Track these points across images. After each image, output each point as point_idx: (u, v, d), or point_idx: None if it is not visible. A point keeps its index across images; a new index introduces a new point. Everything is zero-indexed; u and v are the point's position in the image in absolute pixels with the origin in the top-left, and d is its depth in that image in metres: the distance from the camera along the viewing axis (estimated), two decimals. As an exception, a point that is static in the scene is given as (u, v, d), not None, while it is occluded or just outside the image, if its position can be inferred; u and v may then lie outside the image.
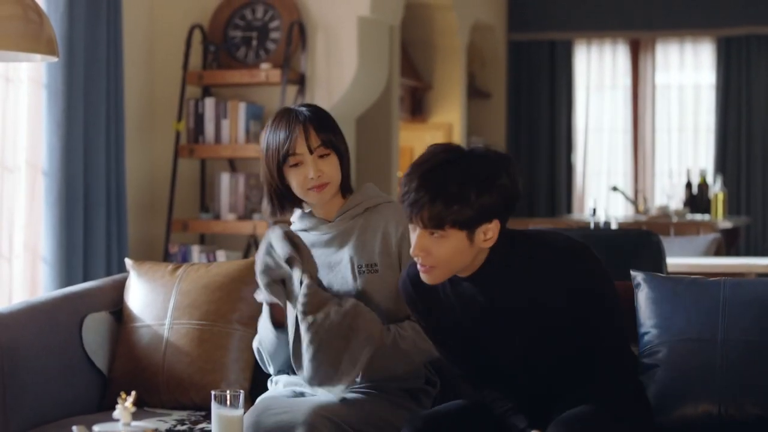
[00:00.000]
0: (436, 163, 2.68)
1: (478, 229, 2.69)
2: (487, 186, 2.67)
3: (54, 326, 3.67)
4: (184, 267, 3.85)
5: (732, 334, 3.22)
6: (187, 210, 6.65)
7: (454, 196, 2.64)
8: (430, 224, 2.66)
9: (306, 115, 3.25)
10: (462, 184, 2.65)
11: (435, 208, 2.65)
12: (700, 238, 6.43)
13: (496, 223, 2.71)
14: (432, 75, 9.66)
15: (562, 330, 2.84)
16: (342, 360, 3.13)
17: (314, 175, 3.23)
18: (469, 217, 2.66)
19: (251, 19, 6.62)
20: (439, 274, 2.75)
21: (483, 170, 2.68)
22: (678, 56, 10.80)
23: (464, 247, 2.70)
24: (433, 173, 2.67)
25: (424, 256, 2.71)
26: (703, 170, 9.73)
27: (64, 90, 5.46)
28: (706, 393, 3.18)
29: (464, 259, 2.73)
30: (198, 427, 3.43)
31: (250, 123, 6.44)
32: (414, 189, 2.67)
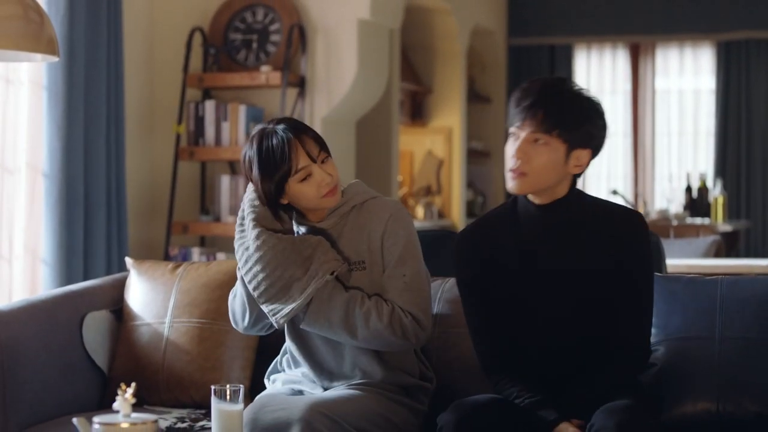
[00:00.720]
0: (557, 80, 2.95)
1: (574, 151, 2.91)
2: (597, 116, 2.94)
3: (54, 324, 3.68)
4: (184, 266, 3.86)
5: (729, 332, 3.23)
6: (188, 212, 6.66)
7: (570, 109, 2.88)
8: (542, 126, 2.86)
9: (293, 130, 3.22)
10: (579, 104, 2.90)
11: (551, 111, 2.86)
12: (700, 240, 6.45)
13: (588, 153, 2.93)
14: (432, 79, 9.67)
15: (604, 289, 2.96)
16: (292, 286, 3.17)
17: (327, 180, 3.22)
18: (575, 131, 2.89)
19: (251, 21, 6.63)
20: (527, 182, 2.91)
21: (594, 103, 2.94)
22: (678, 61, 10.81)
23: (558, 163, 2.90)
24: (554, 87, 2.91)
25: (523, 161, 2.88)
26: (702, 174, 9.74)
27: (64, 92, 5.47)
28: (704, 391, 3.19)
29: (552, 177, 2.91)
30: (198, 424, 3.44)
31: (250, 125, 6.44)
32: (534, 93, 2.89)
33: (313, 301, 3.20)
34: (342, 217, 3.30)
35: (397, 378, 3.32)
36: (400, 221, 3.28)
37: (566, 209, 3.00)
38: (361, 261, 3.26)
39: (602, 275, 2.98)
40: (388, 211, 3.29)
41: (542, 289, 3.02)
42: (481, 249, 3.07)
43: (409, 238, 3.27)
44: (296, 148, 3.18)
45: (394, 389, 3.31)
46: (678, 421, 3.17)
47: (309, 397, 3.19)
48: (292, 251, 3.19)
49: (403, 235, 3.26)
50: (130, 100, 6.25)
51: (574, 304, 3.00)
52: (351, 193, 3.33)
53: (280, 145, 3.17)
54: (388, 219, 3.27)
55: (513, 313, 3.05)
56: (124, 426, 2.19)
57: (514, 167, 2.92)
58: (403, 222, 3.28)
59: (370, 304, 3.20)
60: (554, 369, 3.06)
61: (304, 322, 3.22)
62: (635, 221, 3.01)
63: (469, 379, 3.40)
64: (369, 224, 3.28)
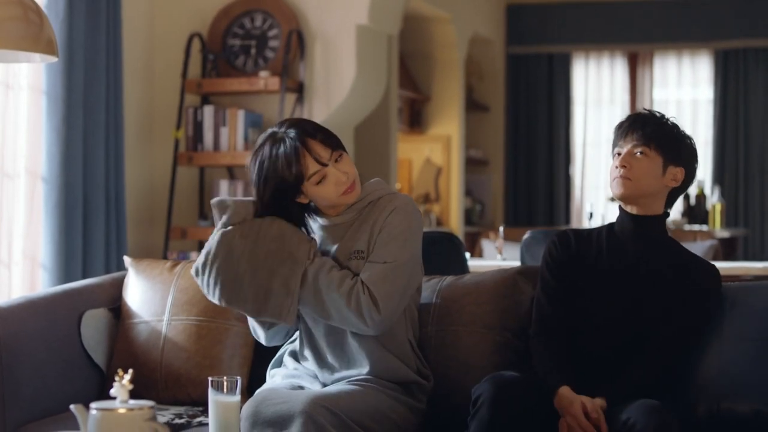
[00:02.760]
0: (654, 111, 3.36)
1: (671, 166, 3.28)
2: (691, 145, 3.33)
3: (53, 322, 3.70)
4: (182, 264, 3.88)
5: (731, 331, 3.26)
6: (186, 217, 6.67)
7: (670, 129, 3.30)
8: (642, 139, 3.26)
9: (299, 133, 3.23)
10: (671, 128, 3.31)
11: (651, 129, 3.27)
12: (698, 244, 6.45)
13: (682, 171, 3.29)
14: (430, 87, 9.69)
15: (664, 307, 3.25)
16: (273, 290, 3.23)
17: (344, 179, 3.25)
18: (669, 147, 3.27)
19: (250, 27, 6.65)
20: (631, 186, 3.26)
21: (683, 131, 3.34)
22: (676, 71, 10.83)
23: (656, 173, 3.27)
24: (651, 113, 3.34)
25: (627, 168, 3.26)
26: (700, 181, 9.76)
27: (63, 97, 5.48)
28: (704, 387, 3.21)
29: (652, 185, 3.27)
30: (196, 420, 3.44)
31: (248, 131, 6.46)
32: (634, 116, 3.33)
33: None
34: (358, 213, 3.33)
35: (396, 374, 3.33)
36: (401, 214, 3.29)
37: (657, 225, 3.33)
38: (361, 251, 3.28)
39: (667, 297, 3.27)
40: (393, 204, 3.31)
41: (612, 291, 3.31)
42: (576, 242, 3.40)
43: (404, 230, 3.28)
44: (304, 156, 3.20)
45: (393, 386, 3.32)
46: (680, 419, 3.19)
47: (310, 391, 3.20)
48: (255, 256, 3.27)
49: (399, 227, 3.28)
50: (129, 106, 6.27)
51: (632, 313, 3.27)
52: (369, 189, 3.37)
53: (288, 153, 3.20)
54: (391, 211, 3.29)
55: (581, 303, 3.32)
56: (121, 412, 2.19)
57: (619, 174, 3.28)
58: (405, 215, 3.30)
59: (336, 273, 3.23)
60: (597, 358, 3.26)
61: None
62: (714, 272, 3.33)
63: (466, 377, 3.41)
64: (375, 216, 3.30)
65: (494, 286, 3.58)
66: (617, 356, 3.24)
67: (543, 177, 10.83)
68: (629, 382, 3.18)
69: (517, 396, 3.03)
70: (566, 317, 3.31)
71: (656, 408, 3.00)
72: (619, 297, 3.28)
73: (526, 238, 4.62)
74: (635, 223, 3.32)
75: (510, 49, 10.86)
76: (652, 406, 3.01)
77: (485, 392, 3.03)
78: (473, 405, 3.06)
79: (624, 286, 3.29)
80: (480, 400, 3.04)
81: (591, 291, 3.31)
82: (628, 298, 3.27)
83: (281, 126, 3.28)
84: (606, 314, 3.27)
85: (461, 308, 3.55)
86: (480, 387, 3.07)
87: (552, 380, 3.19)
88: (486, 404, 3.01)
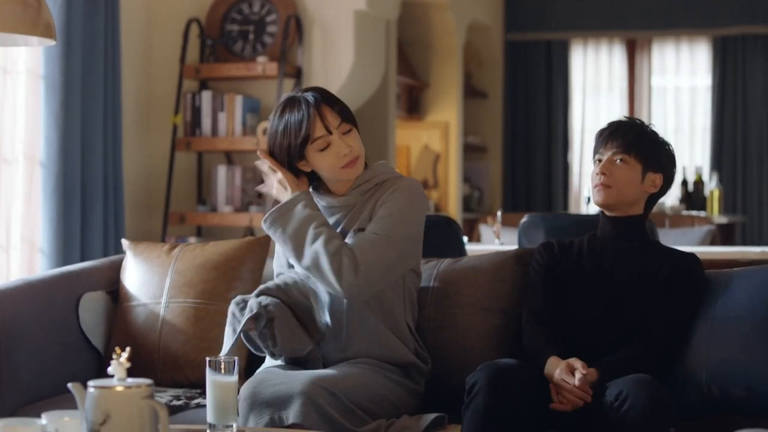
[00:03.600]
0: (635, 119, 3.47)
1: (649, 173, 3.37)
2: (669, 152, 3.43)
3: (51, 304, 3.70)
4: (180, 247, 3.88)
5: (723, 312, 3.27)
6: (184, 203, 6.68)
7: (648, 137, 3.40)
8: (622, 147, 3.36)
9: (316, 98, 3.29)
10: (650, 136, 3.41)
11: (629, 136, 3.37)
12: (695, 229, 6.45)
13: (661, 178, 3.39)
14: (429, 74, 9.68)
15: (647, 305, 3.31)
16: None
17: (346, 151, 3.28)
18: (649, 155, 3.36)
19: (248, 13, 6.65)
20: (611, 194, 3.36)
21: (663, 140, 3.43)
22: (674, 58, 10.81)
23: (635, 180, 3.36)
24: (631, 122, 3.44)
25: (607, 175, 3.36)
26: (698, 168, 9.76)
27: (61, 81, 5.48)
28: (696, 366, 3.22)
29: (631, 191, 3.37)
30: (194, 402, 3.45)
31: (246, 116, 6.47)
32: (615, 125, 3.42)
33: (281, 205, 3.27)
34: (363, 194, 3.35)
35: (395, 356, 3.34)
36: (404, 193, 3.31)
37: (636, 226, 3.42)
38: (362, 228, 3.29)
39: (650, 292, 3.33)
40: (398, 184, 3.34)
41: (593, 291, 3.37)
42: (559, 248, 3.49)
43: (403, 209, 3.29)
44: (314, 118, 3.25)
45: (391, 369, 3.33)
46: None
47: (310, 372, 3.19)
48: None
49: (398, 205, 3.29)
50: (127, 91, 6.27)
51: (614, 312, 3.33)
52: (376, 171, 3.38)
53: (301, 114, 3.25)
54: (395, 190, 3.31)
55: (567, 302, 3.38)
56: (119, 389, 2.20)
57: (600, 182, 3.38)
58: (408, 195, 3.31)
59: (325, 230, 3.24)
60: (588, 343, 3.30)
61: (266, 221, 3.28)
62: (694, 259, 3.39)
63: (464, 359, 3.42)
64: (378, 196, 3.33)
65: (492, 269, 3.59)
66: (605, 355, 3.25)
67: (541, 164, 10.83)
68: (622, 358, 3.21)
69: (512, 383, 3.04)
70: (555, 315, 3.37)
71: (648, 381, 3.02)
72: (600, 297, 3.34)
73: (524, 222, 4.62)
74: (615, 226, 3.42)
75: (508, 36, 10.84)
76: (644, 379, 3.03)
77: (480, 380, 3.04)
78: (468, 393, 3.07)
79: (605, 286, 3.36)
80: (475, 389, 3.04)
81: (574, 293, 3.38)
82: (610, 298, 3.33)
83: (299, 91, 3.34)
84: (588, 315, 3.33)
85: (459, 291, 3.56)
86: (474, 375, 3.08)
87: (541, 356, 3.25)
88: (481, 392, 3.02)
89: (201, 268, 3.75)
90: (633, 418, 2.94)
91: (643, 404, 2.95)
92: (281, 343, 3.24)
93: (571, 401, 3.11)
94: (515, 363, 3.14)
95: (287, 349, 3.26)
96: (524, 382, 3.08)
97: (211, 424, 2.74)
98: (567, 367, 3.15)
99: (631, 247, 3.40)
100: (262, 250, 3.80)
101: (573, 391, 3.10)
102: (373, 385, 3.21)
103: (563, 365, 3.17)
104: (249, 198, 6.51)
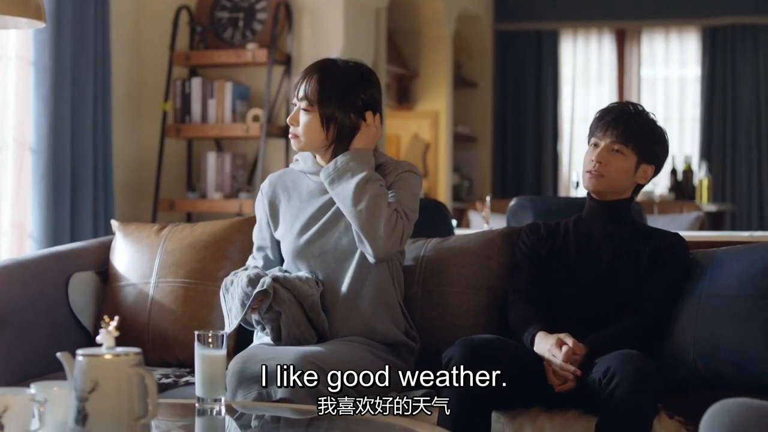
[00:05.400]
0: (636, 105, 3.47)
1: (642, 164, 3.41)
2: (663, 140, 3.47)
3: (40, 284, 3.71)
4: (170, 227, 3.89)
5: (710, 290, 3.29)
6: (174, 189, 6.68)
7: (648, 129, 3.43)
8: (621, 138, 3.38)
9: (312, 66, 3.37)
10: (651, 128, 3.43)
11: (631, 128, 3.39)
12: (684, 216, 6.48)
13: (652, 169, 3.44)
14: (418, 63, 9.69)
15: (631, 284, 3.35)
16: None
17: (290, 122, 3.36)
18: (646, 147, 3.40)
19: (238, 0, 6.65)
20: (603, 183, 3.40)
21: (662, 130, 3.47)
22: (663, 49, 10.83)
23: (629, 171, 3.40)
24: (634, 109, 3.44)
25: (602, 164, 3.39)
26: (688, 157, 9.78)
27: (51, 68, 5.49)
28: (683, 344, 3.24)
29: (624, 182, 3.41)
30: (182, 380, 3.46)
31: (236, 103, 6.47)
32: (617, 111, 3.42)
33: (355, 153, 3.32)
34: None
35: (386, 336, 3.36)
36: (416, 177, 3.42)
37: (622, 208, 3.46)
38: None
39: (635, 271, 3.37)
40: (404, 167, 3.42)
41: (579, 269, 3.41)
42: (545, 229, 3.52)
43: (416, 193, 3.40)
44: (298, 82, 3.35)
45: (381, 347, 3.35)
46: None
47: (299, 348, 3.21)
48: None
49: (415, 185, 3.40)
50: (117, 78, 6.27)
51: (600, 290, 3.36)
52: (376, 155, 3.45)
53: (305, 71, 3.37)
54: (407, 170, 3.41)
55: (554, 281, 3.42)
56: (107, 357, 2.21)
57: (593, 169, 3.40)
58: (412, 175, 3.41)
59: (387, 192, 3.32)
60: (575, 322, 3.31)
61: (336, 166, 3.32)
62: (678, 238, 3.45)
63: (451, 337, 3.41)
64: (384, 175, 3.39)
65: (479, 247, 3.61)
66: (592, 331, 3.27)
67: (531, 153, 10.84)
68: (610, 334, 3.24)
69: (488, 357, 3.03)
70: (541, 294, 3.40)
71: (636, 356, 3.04)
72: (586, 277, 3.38)
73: (513, 205, 4.63)
74: (602, 208, 3.46)
75: (498, 25, 10.85)
76: (632, 355, 3.05)
77: (456, 355, 3.05)
78: (444, 369, 3.06)
79: (591, 267, 3.39)
80: (450, 364, 3.05)
81: (560, 273, 3.42)
82: (596, 278, 3.37)
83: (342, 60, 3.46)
84: (574, 294, 3.37)
85: (446, 269, 3.59)
86: (450, 350, 3.09)
87: (529, 332, 3.28)
88: (457, 367, 3.01)
89: (190, 248, 3.77)
90: (621, 394, 2.95)
91: (630, 380, 2.96)
92: (284, 336, 3.27)
93: (561, 377, 3.13)
94: (493, 338, 3.15)
95: (290, 340, 3.29)
96: (502, 357, 3.06)
97: (199, 397, 2.76)
98: (557, 342, 3.17)
99: (617, 228, 3.43)
100: (251, 230, 3.81)
101: (564, 367, 3.12)
102: (361, 362, 3.22)
103: (553, 340, 3.18)
104: (239, 185, 6.52)
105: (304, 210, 3.41)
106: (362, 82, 3.37)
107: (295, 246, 3.39)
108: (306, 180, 3.45)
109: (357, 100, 3.35)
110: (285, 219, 3.44)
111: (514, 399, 3.16)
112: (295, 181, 3.47)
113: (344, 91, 3.33)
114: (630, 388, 2.95)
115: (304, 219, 3.40)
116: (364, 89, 3.36)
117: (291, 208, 3.43)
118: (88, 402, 2.18)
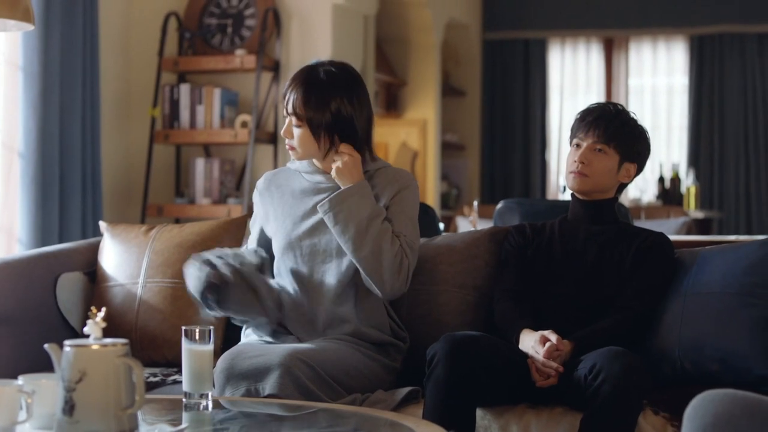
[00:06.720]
0: (617, 105, 3.50)
1: (625, 163, 3.45)
2: (644, 139, 3.49)
3: (29, 284, 3.71)
4: (158, 228, 3.90)
5: (695, 288, 3.31)
6: (162, 195, 6.69)
7: (630, 128, 3.45)
8: (602, 137, 3.41)
9: (297, 78, 3.36)
10: (632, 127, 3.46)
11: (613, 127, 3.42)
12: (671, 221, 6.50)
13: (635, 167, 3.48)
14: (407, 71, 9.71)
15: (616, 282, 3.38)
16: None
17: (284, 135, 3.37)
18: (628, 146, 3.44)
19: (226, 6, 6.67)
20: (587, 182, 3.43)
21: (643, 129, 3.50)
22: (651, 57, 10.86)
23: (612, 170, 3.43)
24: (615, 109, 3.47)
25: (585, 164, 3.42)
26: (675, 165, 9.80)
27: (40, 72, 5.50)
28: (668, 342, 3.26)
29: (607, 181, 3.44)
30: (170, 378, 3.47)
31: (225, 109, 6.49)
32: (599, 111, 3.45)
33: (349, 191, 3.31)
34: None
35: (370, 335, 3.37)
36: (414, 194, 3.46)
37: (607, 207, 3.49)
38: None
39: (622, 267, 3.40)
40: (403, 182, 3.45)
41: (564, 268, 3.43)
42: (531, 230, 3.56)
43: (414, 217, 3.44)
44: (285, 94, 3.37)
45: (368, 346, 3.36)
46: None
47: (287, 345, 3.23)
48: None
49: (414, 207, 3.45)
50: (106, 83, 6.28)
51: (585, 290, 3.39)
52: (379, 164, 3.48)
53: (288, 85, 3.38)
54: (406, 187, 3.45)
55: (538, 281, 3.44)
56: (94, 348, 2.22)
57: (577, 169, 3.44)
58: (411, 193, 3.45)
59: (389, 227, 3.33)
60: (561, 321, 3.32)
61: (329, 203, 3.31)
62: (663, 237, 3.47)
63: (438, 336, 3.41)
64: (374, 184, 3.40)
65: (465, 246, 3.63)
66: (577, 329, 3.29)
67: (519, 162, 10.86)
68: (596, 331, 3.26)
69: (472, 353, 3.06)
70: (527, 293, 3.43)
71: (622, 353, 3.05)
72: (571, 277, 3.40)
73: (500, 207, 4.65)
74: (586, 208, 3.49)
75: (486, 34, 10.88)
76: (618, 351, 3.06)
77: (439, 351, 3.07)
78: (428, 365, 3.09)
79: (577, 266, 3.42)
80: (435, 360, 3.07)
81: (546, 273, 3.44)
82: (582, 277, 3.40)
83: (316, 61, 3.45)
84: (560, 294, 3.39)
85: (434, 268, 3.60)
86: (434, 347, 3.10)
87: (514, 330, 3.30)
88: (441, 363, 3.05)
89: (178, 248, 3.78)
90: (607, 390, 2.96)
91: (617, 376, 2.97)
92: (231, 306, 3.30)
93: (544, 373, 3.15)
94: (477, 334, 3.17)
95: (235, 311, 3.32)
96: (485, 353, 3.09)
97: (186, 392, 2.76)
98: (541, 338, 3.19)
99: (602, 228, 3.46)
100: (239, 231, 3.84)
101: (546, 363, 3.14)
102: (349, 360, 3.25)
103: (537, 336, 3.20)
104: (227, 190, 6.53)
105: (297, 207, 3.43)
106: (346, 86, 3.38)
107: (287, 240, 3.40)
108: (300, 178, 3.47)
109: (343, 107, 3.36)
110: (277, 215, 3.45)
111: (499, 395, 3.17)
112: (290, 179, 3.49)
113: (328, 100, 3.34)
114: (616, 384, 2.96)
115: (296, 216, 3.42)
116: (348, 93, 3.37)
117: (283, 205, 3.45)
118: (75, 392, 2.19)
